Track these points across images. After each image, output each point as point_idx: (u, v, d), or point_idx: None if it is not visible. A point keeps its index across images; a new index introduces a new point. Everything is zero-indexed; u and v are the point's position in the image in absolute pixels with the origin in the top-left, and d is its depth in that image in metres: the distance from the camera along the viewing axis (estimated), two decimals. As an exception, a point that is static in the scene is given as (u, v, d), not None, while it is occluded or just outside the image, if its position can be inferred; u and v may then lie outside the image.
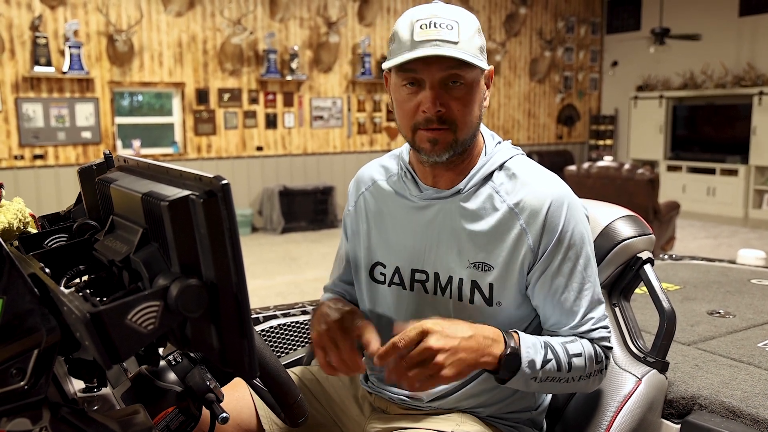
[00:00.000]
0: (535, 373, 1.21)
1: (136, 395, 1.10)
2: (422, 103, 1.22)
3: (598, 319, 1.30)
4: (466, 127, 1.25)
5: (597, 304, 1.31)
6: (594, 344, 1.29)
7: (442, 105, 1.22)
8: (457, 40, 1.19)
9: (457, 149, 1.26)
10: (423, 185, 1.34)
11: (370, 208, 1.44)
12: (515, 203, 1.27)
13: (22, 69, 6.91)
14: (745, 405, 1.42)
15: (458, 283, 1.30)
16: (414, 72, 1.22)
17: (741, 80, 9.33)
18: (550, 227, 1.25)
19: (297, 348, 1.91)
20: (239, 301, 0.73)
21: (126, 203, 0.89)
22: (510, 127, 10.56)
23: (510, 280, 1.27)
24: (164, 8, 7.61)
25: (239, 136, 8.27)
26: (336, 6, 8.66)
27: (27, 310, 0.73)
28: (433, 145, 1.25)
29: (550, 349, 1.23)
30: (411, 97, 1.24)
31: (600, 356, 1.29)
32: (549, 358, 1.22)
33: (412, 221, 1.35)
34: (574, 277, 1.27)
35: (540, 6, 10.58)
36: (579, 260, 1.28)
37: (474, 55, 1.21)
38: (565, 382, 1.25)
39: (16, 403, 0.73)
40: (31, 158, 7.09)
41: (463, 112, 1.23)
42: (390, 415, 1.42)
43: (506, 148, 1.35)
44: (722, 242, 7.84)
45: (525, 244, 1.26)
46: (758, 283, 2.43)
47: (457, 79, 1.21)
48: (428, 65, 1.20)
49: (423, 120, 1.24)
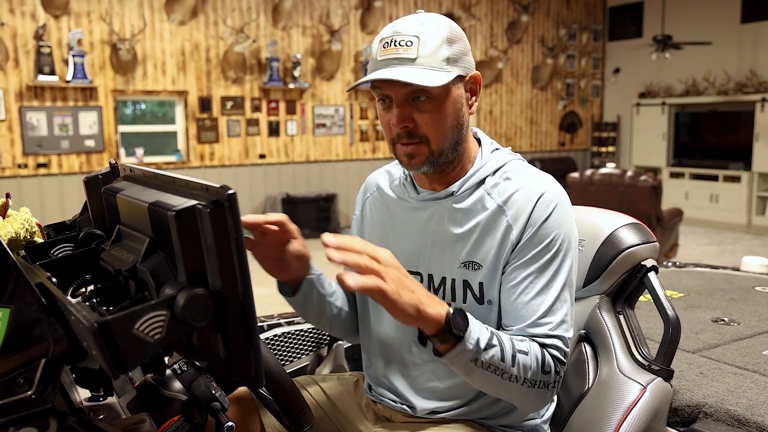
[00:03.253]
0: (478, 354, 1.11)
1: (142, 404, 1.10)
2: (391, 120, 1.25)
3: (555, 326, 1.22)
4: (439, 139, 1.25)
5: (559, 312, 1.23)
6: (545, 351, 1.21)
7: (409, 120, 1.24)
8: (416, 56, 1.20)
9: (436, 161, 1.27)
10: (420, 188, 1.37)
11: (373, 214, 1.47)
12: (504, 200, 1.27)
13: (26, 78, 6.94)
14: (750, 413, 1.42)
15: (451, 284, 1.31)
16: (380, 89, 1.25)
17: (743, 87, 9.33)
18: (533, 220, 1.24)
19: (301, 356, 1.91)
20: (246, 310, 0.73)
21: (132, 213, 0.89)
22: (512, 134, 10.57)
23: (498, 278, 1.28)
24: (167, 17, 7.64)
25: (242, 144, 8.28)
26: (338, 14, 8.69)
27: (34, 320, 0.74)
28: (409, 159, 1.27)
29: (496, 336, 1.15)
30: (385, 112, 1.28)
31: (549, 366, 1.20)
32: (494, 343, 1.14)
33: (409, 224, 1.38)
34: (542, 276, 1.23)
35: (542, 13, 10.60)
36: (553, 261, 1.24)
37: (435, 67, 1.20)
38: (507, 380, 1.16)
39: (23, 412, 0.73)
40: (35, 167, 7.11)
41: (433, 126, 1.24)
42: (394, 423, 1.42)
43: (503, 154, 1.36)
44: (726, 249, 7.83)
45: (509, 240, 1.26)
46: (762, 291, 2.43)
47: (422, 94, 1.22)
48: (392, 84, 1.22)
49: (396, 135, 1.27)
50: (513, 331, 1.24)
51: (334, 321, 1.47)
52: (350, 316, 1.50)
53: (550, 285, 1.24)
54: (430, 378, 1.36)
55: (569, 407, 1.50)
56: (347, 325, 1.50)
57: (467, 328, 1.11)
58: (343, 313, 1.48)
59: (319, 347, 1.94)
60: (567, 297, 1.26)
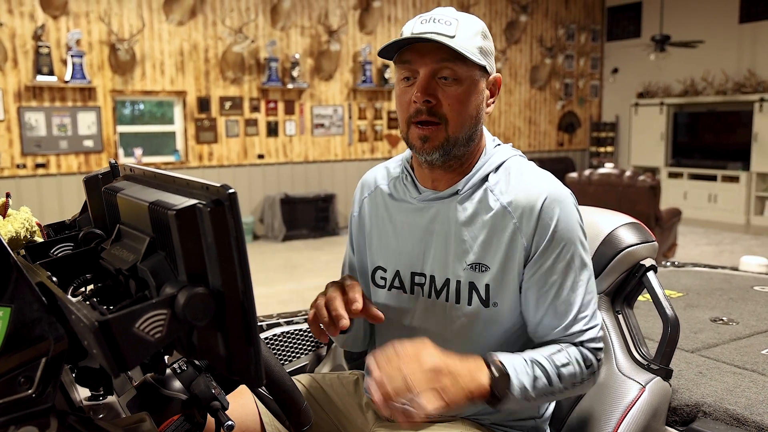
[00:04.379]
0: (526, 393, 1.18)
1: (142, 403, 1.10)
2: (414, 94, 1.23)
3: (590, 317, 1.27)
4: (458, 124, 1.24)
5: (589, 302, 1.28)
6: (582, 348, 1.26)
7: (432, 96, 1.22)
8: (454, 34, 1.20)
9: (449, 149, 1.25)
10: (422, 187, 1.35)
11: (371, 213, 1.45)
12: (508, 202, 1.26)
13: (24, 78, 6.93)
14: (749, 412, 1.42)
15: (456, 286, 1.29)
16: (409, 63, 1.24)
17: (742, 87, 9.35)
18: (542, 225, 1.24)
19: (300, 356, 1.91)
20: (246, 309, 0.73)
21: (133, 212, 0.89)
22: (511, 134, 10.57)
23: (506, 281, 1.27)
24: (166, 17, 7.64)
25: (241, 144, 8.28)
26: (337, 14, 8.69)
27: (35, 319, 0.74)
28: (423, 142, 1.25)
29: (537, 366, 1.20)
30: (407, 90, 1.26)
31: (590, 360, 1.26)
32: (537, 375, 1.20)
33: (410, 224, 1.36)
34: (568, 276, 1.26)
35: (540, 13, 10.61)
36: (574, 259, 1.26)
37: (471, 51, 1.21)
38: (559, 393, 1.24)
39: (24, 411, 0.73)
40: (34, 167, 7.10)
41: (455, 108, 1.23)
42: (394, 423, 1.42)
43: (504, 150, 1.35)
44: (724, 249, 7.84)
45: (519, 243, 1.25)
46: (761, 290, 2.43)
47: (450, 75, 1.22)
48: (422, 56, 1.21)
49: (414, 112, 1.24)
50: (552, 335, 1.27)
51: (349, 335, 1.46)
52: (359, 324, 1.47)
53: (578, 282, 1.26)
54: None
55: (568, 406, 1.50)
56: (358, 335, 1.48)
57: (510, 384, 1.16)
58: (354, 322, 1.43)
59: (319, 347, 1.94)
60: (592, 287, 1.29)
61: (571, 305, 1.26)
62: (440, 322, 1.33)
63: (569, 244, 1.25)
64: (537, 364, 1.21)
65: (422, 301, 1.35)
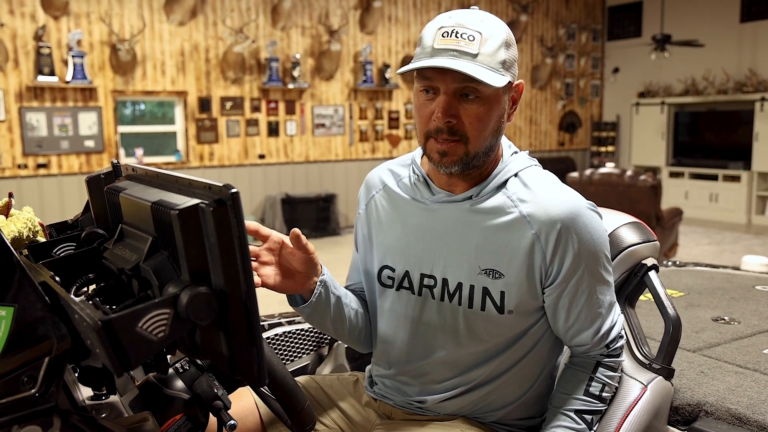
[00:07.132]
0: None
1: (144, 403, 1.10)
2: (435, 112, 1.21)
3: (617, 322, 1.35)
4: (478, 141, 1.22)
5: (616, 308, 1.35)
6: (608, 360, 1.34)
7: (453, 116, 1.20)
8: (477, 52, 1.17)
9: (468, 163, 1.24)
10: (435, 188, 1.33)
11: (380, 212, 1.42)
12: (528, 212, 1.24)
13: (25, 78, 6.93)
14: (751, 412, 1.42)
15: (469, 290, 1.28)
16: (430, 80, 1.21)
17: (743, 86, 9.34)
18: (565, 245, 1.23)
19: (302, 356, 1.91)
20: (248, 309, 0.74)
21: (135, 212, 0.89)
22: (512, 134, 10.56)
23: (522, 289, 1.26)
24: (167, 18, 7.64)
25: (241, 144, 8.28)
26: (337, 14, 8.69)
27: (38, 318, 0.74)
28: (441, 156, 1.23)
29: (581, 415, 1.31)
30: (427, 103, 1.23)
31: (616, 365, 1.35)
32: (587, 417, 1.31)
33: (422, 225, 1.33)
34: (595, 290, 1.29)
35: (541, 13, 10.61)
36: (598, 271, 1.29)
37: (493, 68, 1.18)
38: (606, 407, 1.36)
39: (27, 410, 0.73)
40: (35, 167, 7.11)
41: (476, 127, 1.21)
42: (395, 421, 1.42)
43: (522, 158, 1.33)
44: (725, 248, 7.83)
45: (539, 256, 1.24)
46: (763, 290, 2.43)
47: (472, 93, 1.19)
48: (443, 74, 1.18)
49: (434, 129, 1.22)
50: (584, 348, 1.34)
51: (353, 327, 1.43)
52: (366, 319, 1.47)
53: (605, 293, 1.32)
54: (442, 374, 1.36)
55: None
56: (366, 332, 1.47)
57: None
58: (360, 316, 1.44)
59: (320, 347, 1.94)
60: (613, 287, 1.35)
61: (601, 317, 1.31)
62: (452, 325, 1.32)
63: (593, 259, 1.27)
64: (577, 412, 1.31)
65: (433, 303, 1.33)
